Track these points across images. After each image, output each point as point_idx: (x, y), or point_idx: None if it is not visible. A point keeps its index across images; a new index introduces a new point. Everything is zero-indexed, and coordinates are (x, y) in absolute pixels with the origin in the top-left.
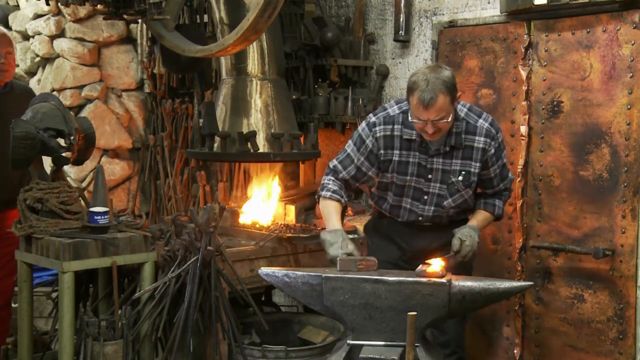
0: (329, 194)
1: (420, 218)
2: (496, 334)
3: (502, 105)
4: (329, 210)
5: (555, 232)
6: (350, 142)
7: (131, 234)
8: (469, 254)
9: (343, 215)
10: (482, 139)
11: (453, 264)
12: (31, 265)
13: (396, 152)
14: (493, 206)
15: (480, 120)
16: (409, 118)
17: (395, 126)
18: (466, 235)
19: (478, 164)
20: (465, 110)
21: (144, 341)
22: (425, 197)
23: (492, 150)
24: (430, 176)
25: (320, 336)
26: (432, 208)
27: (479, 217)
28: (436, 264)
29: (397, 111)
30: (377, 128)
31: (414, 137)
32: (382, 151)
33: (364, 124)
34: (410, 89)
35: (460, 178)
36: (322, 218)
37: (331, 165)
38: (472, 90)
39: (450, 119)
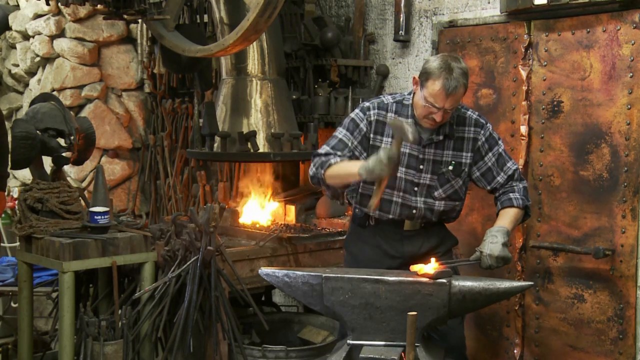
0: (337, 159)
1: (414, 211)
2: (496, 334)
3: (502, 105)
4: (346, 164)
5: (555, 232)
6: (340, 128)
7: (131, 233)
8: (492, 263)
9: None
10: (472, 128)
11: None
12: (31, 265)
13: (386, 139)
14: (510, 200)
15: (469, 112)
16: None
17: (389, 114)
18: (486, 244)
19: (469, 154)
20: None
21: (144, 341)
22: (416, 188)
23: (483, 139)
24: (421, 167)
25: (320, 336)
26: (423, 199)
27: (503, 217)
28: (430, 266)
29: (391, 100)
30: (372, 112)
31: None
32: (372, 135)
33: (357, 109)
34: (431, 74)
35: (451, 168)
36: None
37: (322, 152)
38: (472, 90)
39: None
